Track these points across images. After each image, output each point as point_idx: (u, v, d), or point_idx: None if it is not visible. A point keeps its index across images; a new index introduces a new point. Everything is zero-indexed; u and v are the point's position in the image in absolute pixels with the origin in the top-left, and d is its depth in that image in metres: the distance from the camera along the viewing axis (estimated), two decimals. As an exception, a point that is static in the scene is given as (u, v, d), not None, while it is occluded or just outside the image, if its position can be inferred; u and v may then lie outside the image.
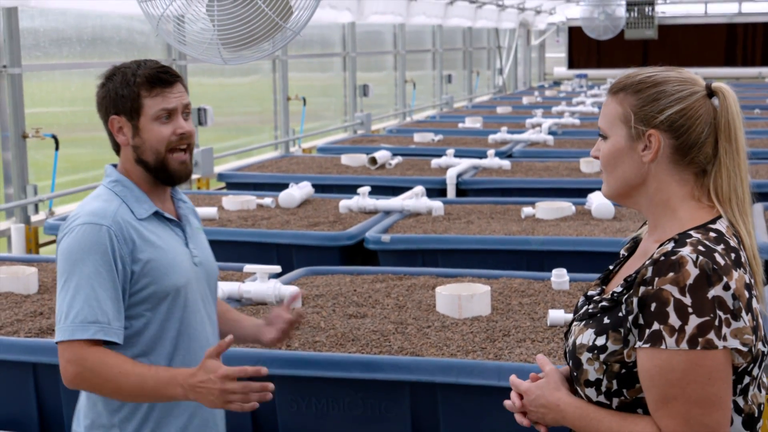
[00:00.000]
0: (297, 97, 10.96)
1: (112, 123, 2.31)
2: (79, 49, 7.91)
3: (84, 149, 8.44)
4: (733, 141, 1.76)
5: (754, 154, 8.59)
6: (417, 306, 4.11)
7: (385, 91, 14.63)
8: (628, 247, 1.95)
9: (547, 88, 20.08)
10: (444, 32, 16.88)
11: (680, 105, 1.75)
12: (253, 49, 3.80)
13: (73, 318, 2.15)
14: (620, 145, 1.80)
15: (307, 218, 6.02)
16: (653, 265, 1.67)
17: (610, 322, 1.74)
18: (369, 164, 8.17)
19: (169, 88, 2.29)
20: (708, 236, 1.70)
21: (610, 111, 1.82)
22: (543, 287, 4.37)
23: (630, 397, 1.72)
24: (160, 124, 2.28)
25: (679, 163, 1.77)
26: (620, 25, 18.46)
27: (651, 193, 1.79)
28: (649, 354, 1.65)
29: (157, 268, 2.23)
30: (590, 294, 1.89)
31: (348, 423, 3.41)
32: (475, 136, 10.55)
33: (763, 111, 13.18)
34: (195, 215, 2.51)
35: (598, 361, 1.73)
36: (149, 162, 2.30)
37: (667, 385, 1.64)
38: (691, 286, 1.62)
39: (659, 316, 1.64)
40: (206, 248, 2.45)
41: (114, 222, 2.21)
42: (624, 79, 1.83)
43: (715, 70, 22.23)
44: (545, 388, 1.82)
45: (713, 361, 1.62)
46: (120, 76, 2.30)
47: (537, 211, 5.96)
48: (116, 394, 2.18)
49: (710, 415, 1.63)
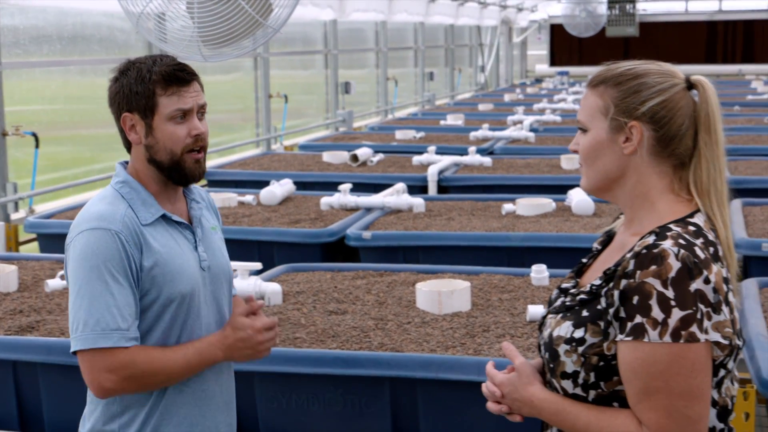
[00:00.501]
0: (279, 94, 10.95)
1: (124, 120, 2.23)
2: (60, 47, 7.89)
3: (64, 147, 8.42)
4: (712, 133, 1.77)
5: (733, 150, 8.65)
6: (397, 302, 4.12)
7: (366, 88, 14.63)
8: (601, 241, 1.96)
9: (528, 86, 20.13)
10: (426, 29, 16.89)
11: (661, 97, 1.76)
12: (233, 46, 3.80)
13: (93, 326, 2.08)
14: (601, 138, 1.80)
15: (289, 215, 6.03)
16: (635, 258, 1.67)
17: (589, 314, 1.74)
18: (350, 161, 8.18)
19: (185, 87, 2.20)
20: (687, 230, 1.71)
21: (590, 104, 1.83)
22: (523, 283, 4.39)
23: (607, 390, 1.72)
24: (175, 124, 2.20)
25: (660, 156, 1.78)
26: (601, 23, 18.52)
27: (630, 186, 1.80)
28: (632, 347, 1.65)
29: (161, 276, 2.17)
30: (565, 287, 1.89)
31: (328, 419, 3.42)
32: (457, 134, 10.58)
33: (743, 108, 13.26)
34: (212, 213, 2.43)
35: (576, 353, 1.73)
36: (163, 162, 2.22)
37: (649, 377, 1.64)
38: (673, 279, 1.63)
39: (642, 309, 1.64)
40: (218, 249, 2.35)
41: (123, 226, 2.14)
42: (604, 72, 1.83)
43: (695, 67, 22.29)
44: (517, 383, 1.82)
45: (696, 353, 1.63)
46: (135, 72, 2.20)
47: (517, 208, 5.99)
48: (167, 381, 2.18)
49: (692, 408, 1.64)
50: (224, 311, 2.34)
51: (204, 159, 2.29)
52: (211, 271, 2.29)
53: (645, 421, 1.66)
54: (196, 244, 2.28)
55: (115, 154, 8.94)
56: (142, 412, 2.20)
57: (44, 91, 7.98)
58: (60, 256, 5.18)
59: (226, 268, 2.36)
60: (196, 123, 2.23)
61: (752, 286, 4.14)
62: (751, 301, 3.91)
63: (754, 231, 5.31)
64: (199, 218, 2.32)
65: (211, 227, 2.37)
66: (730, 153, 8.50)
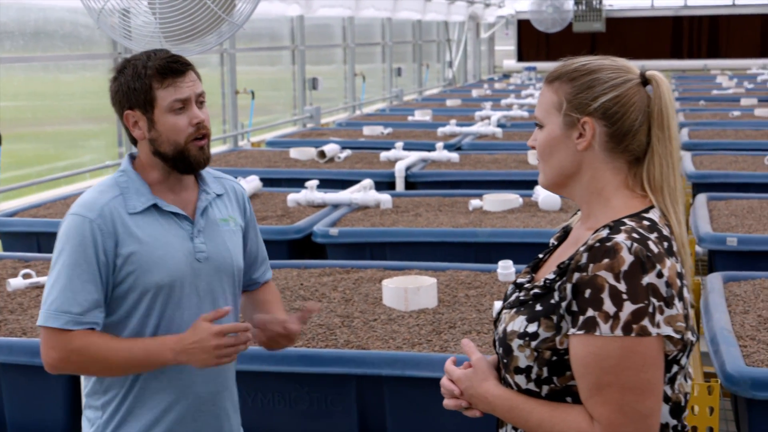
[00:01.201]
0: (245, 90, 10.90)
1: (127, 118, 2.27)
2: (22, 43, 7.80)
3: (28, 144, 8.33)
4: (665, 129, 1.76)
5: (698, 145, 8.71)
6: (364, 299, 4.11)
7: (334, 84, 14.61)
8: (557, 236, 1.95)
9: (496, 81, 20.19)
10: (393, 25, 16.88)
11: (614, 92, 1.75)
12: (196, 42, 3.76)
13: (49, 305, 2.17)
14: (555, 134, 1.80)
15: (256, 212, 5.97)
16: (588, 251, 1.66)
17: (542, 309, 1.73)
18: (318, 158, 8.15)
19: (181, 78, 2.24)
20: (641, 224, 1.70)
21: (546, 100, 1.83)
22: (489, 279, 4.39)
23: (560, 385, 1.71)
24: (175, 115, 2.24)
25: (614, 151, 1.77)
26: (568, 18, 18.63)
27: (585, 182, 1.79)
28: (584, 341, 1.64)
29: (139, 264, 2.20)
30: (520, 281, 1.88)
31: (294, 417, 3.40)
32: (425, 129, 10.58)
33: (708, 102, 13.36)
34: (234, 204, 2.42)
35: (529, 348, 1.72)
36: (167, 153, 2.26)
37: (601, 371, 1.63)
38: (625, 272, 1.62)
39: (594, 302, 1.63)
40: (222, 242, 2.34)
41: (100, 215, 2.19)
42: (560, 68, 1.83)
43: (661, 62, 22.52)
44: (473, 379, 1.80)
45: (647, 347, 1.62)
46: (131, 69, 2.25)
47: (484, 204, 5.99)
48: (106, 370, 2.22)
49: (643, 402, 1.63)
50: (220, 304, 2.33)
51: (208, 145, 2.32)
52: (209, 263, 2.29)
53: (596, 416, 1.65)
54: (193, 235, 2.28)
55: (78, 150, 8.86)
56: (120, 394, 2.26)
57: (6, 88, 7.88)
58: (23, 254, 5.12)
59: (229, 261, 2.34)
60: (195, 112, 2.27)
61: (717, 281, 4.16)
62: (715, 295, 3.93)
63: (719, 225, 5.34)
64: (203, 209, 2.32)
65: (222, 219, 2.36)
66: (694, 148, 8.57)
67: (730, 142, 8.97)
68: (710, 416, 3.02)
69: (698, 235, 5.05)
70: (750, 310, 3.82)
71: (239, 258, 2.38)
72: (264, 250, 2.57)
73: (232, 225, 2.39)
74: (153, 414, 2.27)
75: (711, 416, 3.02)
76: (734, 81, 17.41)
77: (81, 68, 8.73)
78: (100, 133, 8.80)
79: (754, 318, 3.70)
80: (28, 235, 5.74)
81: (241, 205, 2.45)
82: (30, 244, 5.72)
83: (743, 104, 13.00)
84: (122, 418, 2.27)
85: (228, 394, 2.38)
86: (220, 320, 2.32)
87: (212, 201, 2.35)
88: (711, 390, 3.02)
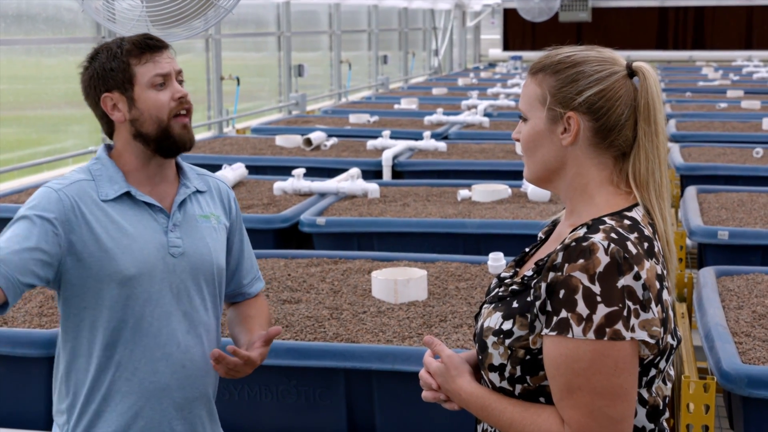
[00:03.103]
0: (231, 76, 10.80)
1: (104, 101, 2.16)
2: (3, 26, 7.67)
3: (9, 129, 8.20)
4: (652, 123, 1.70)
5: (685, 137, 8.68)
6: (352, 291, 4.04)
7: (320, 71, 14.52)
8: (546, 230, 1.90)
9: (482, 70, 20.12)
10: (379, 12, 16.79)
11: (599, 86, 1.69)
12: (183, 26, 3.69)
13: None
14: (539, 128, 1.75)
15: (241, 200, 5.91)
16: (564, 251, 1.62)
17: (518, 306, 1.69)
18: (304, 145, 8.07)
19: (158, 54, 2.16)
20: (622, 224, 1.65)
21: (529, 92, 1.77)
22: (479, 271, 4.33)
23: (533, 385, 1.67)
24: (157, 91, 2.15)
25: (599, 147, 1.72)
26: (555, 8, 18.56)
27: (570, 178, 1.74)
28: (556, 342, 1.60)
29: (100, 247, 2.08)
30: (503, 276, 1.83)
31: (282, 411, 3.34)
32: (411, 118, 10.50)
33: (694, 94, 13.34)
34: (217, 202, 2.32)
35: (503, 345, 1.68)
36: (150, 133, 2.15)
37: (572, 374, 1.59)
38: (600, 274, 1.57)
39: (567, 303, 1.59)
40: (201, 239, 2.22)
41: (72, 190, 2.10)
42: (543, 59, 1.76)
43: (646, 53, 22.50)
44: (446, 375, 1.76)
45: (620, 352, 1.58)
46: (105, 53, 2.16)
47: (473, 194, 5.93)
48: None
49: (614, 407, 1.59)
50: (196, 303, 2.21)
51: (190, 125, 2.22)
52: (184, 260, 2.17)
53: (567, 419, 1.61)
54: (167, 228, 2.17)
55: (61, 135, 8.75)
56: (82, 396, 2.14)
57: (-12, 71, 7.77)
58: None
59: (207, 259, 2.22)
60: (177, 86, 2.18)
61: (709, 275, 4.11)
62: (708, 290, 3.88)
63: (709, 218, 5.30)
64: (181, 202, 2.21)
65: (201, 215, 2.25)
66: (682, 140, 8.53)
67: (718, 134, 8.94)
68: (706, 414, 2.97)
69: (689, 228, 5.00)
70: (744, 305, 3.77)
71: (220, 257, 2.26)
72: (253, 259, 2.45)
73: (214, 222, 2.27)
74: (123, 419, 2.14)
75: (707, 414, 2.97)
76: (720, 73, 17.41)
77: (64, 52, 8.61)
78: (83, 119, 8.69)
79: (748, 314, 3.66)
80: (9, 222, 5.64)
81: (226, 205, 2.35)
82: (11, 230, 5.62)
83: (729, 96, 12.98)
84: (90, 422, 2.15)
85: (205, 401, 2.25)
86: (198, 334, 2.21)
87: (192, 195, 2.24)
88: (707, 388, 2.98)
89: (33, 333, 3.42)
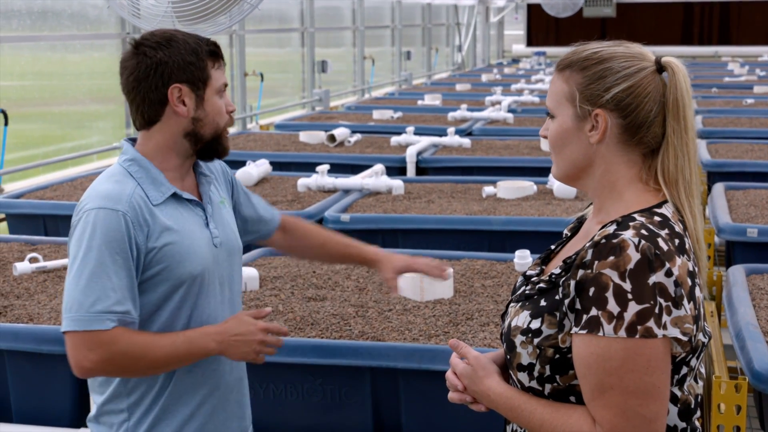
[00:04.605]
0: (254, 72, 10.80)
1: (173, 91, 2.14)
2: (29, 22, 7.70)
3: (35, 125, 8.24)
4: (681, 119, 1.67)
5: (712, 133, 8.60)
6: (378, 288, 4.02)
7: (343, 67, 14.50)
8: (572, 227, 1.88)
9: (505, 66, 20.04)
10: (403, 8, 16.75)
11: (627, 83, 1.66)
12: (209, 22, 3.68)
13: (88, 308, 2.03)
14: (567, 126, 1.72)
15: (265, 197, 5.90)
16: (593, 248, 1.59)
17: (547, 304, 1.66)
18: (327, 141, 8.05)
19: (222, 63, 2.23)
20: (652, 220, 1.62)
21: (557, 89, 1.74)
22: (506, 269, 4.30)
23: (563, 384, 1.65)
24: (219, 98, 2.20)
25: (628, 144, 1.69)
26: (579, 3, 18.47)
27: (599, 175, 1.72)
28: (586, 341, 1.57)
29: (172, 256, 2.12)
30: (529, 274, 1.80)
31: (307, 409, 3.32)
32: (435, 114, 10.47)
33: (720, 90, 13.23)
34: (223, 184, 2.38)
35: (531, 344, 1.65)
36: (205, 136, 2.19)
37: (603, 373, 1.56)
38: (631, 271, 1.55)
39: (597, 301, 1.56)
40: (228, 224, 2.30)
41: (129, 207, 2.08)
42: (570, 55, 1.74)
43: (671, 48, 22.33)
44: (473, 376, 1.74)
45: (652, 350, 1.55)
46: (182, 45, 2.14)
47: (498, 191, 5.89)
48: (151, 368, 2.11)
49: (647, 406, 1.56)
50: (236, 289, 2.31)
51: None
52: (223, 248, 2.25)
53: (598, 419, 1.58)
54: (207, 221, 2.23)
55: (85, 131, 8.78)
56: (150, 393, 2.18)
57: (13, 67, 7.79)
58: (30, 237, 5.03)
59: (236, 243, 2.32)
60: (229, 99, 2.25)
61: (739, 274, 4.06)
62: (738, 289, 3.83)
63: (738, 216, 5.23)
64: (208, 193, 2.27)
65: (220, 201, 2.32)
66: (709, 136, 8.45)
67: (746, 130, 8.85)
68: (737, 415, 2.93)
69: (717, 226, 4.95)
70: (775, 304, 3.72)
71: (239, 238, 2.37)
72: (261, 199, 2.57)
73: (228, 205, 2.37)
74: (188, 409, 2.21)
75: (738, 415, 2.93)
76: (746, 68, 17.25)
77: (89, 48, 8.64)
78: (108, 114, 8.71)
79: (779, 313, 3.60)
80: (35, 218, 5.66)
81: (228, 182, 2.43)
82: (36, 226, 5.64)
83: (756, 92, 12.86)
84: (156, 417, 2.19)
85: (246, 381, 2.38)
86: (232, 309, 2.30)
87: (211, 185, 2.31)
88: (738, 388, 2.93)
89: (59, 330, 3.42)
